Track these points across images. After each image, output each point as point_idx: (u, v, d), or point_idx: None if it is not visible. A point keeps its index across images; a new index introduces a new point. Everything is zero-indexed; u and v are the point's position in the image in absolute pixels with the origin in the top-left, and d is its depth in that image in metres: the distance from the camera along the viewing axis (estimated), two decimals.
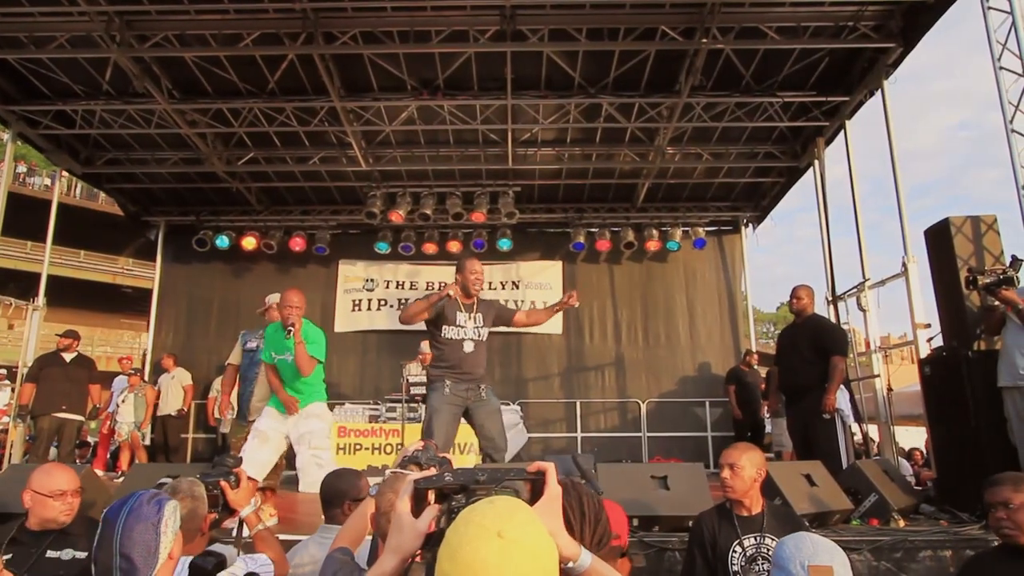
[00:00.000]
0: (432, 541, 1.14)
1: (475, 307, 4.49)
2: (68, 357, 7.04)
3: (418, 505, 1.16)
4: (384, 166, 8.63)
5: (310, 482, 4.25)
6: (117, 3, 5.91)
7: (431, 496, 1.18)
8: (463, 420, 4.54)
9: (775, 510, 2.74)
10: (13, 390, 12.52)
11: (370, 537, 2.01)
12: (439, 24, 6.24)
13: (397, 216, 8.80)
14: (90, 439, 10.20)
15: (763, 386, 8.91)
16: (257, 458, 4.20)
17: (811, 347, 4.88)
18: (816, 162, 7.70)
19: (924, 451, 9.74)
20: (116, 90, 7.22)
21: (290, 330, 4.22)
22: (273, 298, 5.30)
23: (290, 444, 4.52)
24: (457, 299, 4.42)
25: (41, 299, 7.62)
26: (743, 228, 10.00)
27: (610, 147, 8.43)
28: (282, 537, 2.62)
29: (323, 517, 2.54)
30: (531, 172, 9.05)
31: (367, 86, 7.24)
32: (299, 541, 2.54)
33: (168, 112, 7.22)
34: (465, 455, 6.95)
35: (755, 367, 8.96)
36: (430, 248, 9.56)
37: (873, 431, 7.53)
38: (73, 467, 4.74)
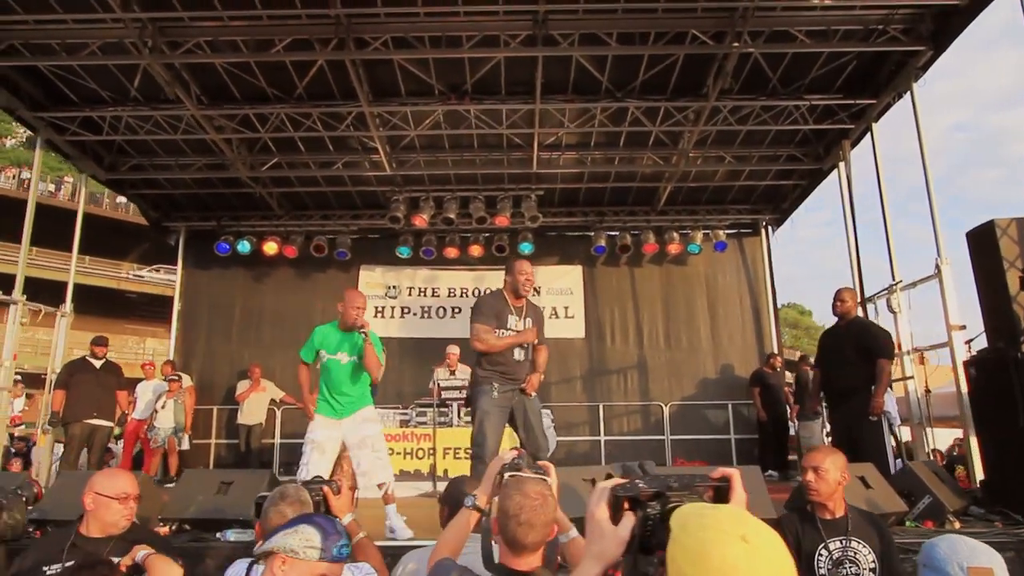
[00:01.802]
0: (631, 547, 1.15)
1: (524, 310, 4.48)
2: (97, 364, 7.04)
3: (614, 512, 1.17)
4: (407, 171, 8.64)
5: (377, 482, 4.34)
6: (151, 10, 5.92)
7: (625, 503, 1.19)
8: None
9: (859, 513, 2.75)
10: (28, 396, 12.53)
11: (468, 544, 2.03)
12: (471, 29, 6.26)
13: (421, 220, 8.81)
14: (110, 446, 10.17)
15: (786, 388, 8.95)
16: (320, 470, 4.20)
17: (856, 350, 4.89)
18: (841, 164, 7.72)
19: (943, 453, 9.75)
20: (144, 96, 7.23)
21: (364, 333, 4.22)
22: None
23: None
24: (509, 302, 4.42)
25: (68, 305, 7.61)
26: (763, 230, 10.02)
27: (633, 151, 8.44)
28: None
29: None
30: (553, 176, 9.06)
31: (395, 91, 7.24)
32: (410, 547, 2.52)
33: (196, 118, 7.22)
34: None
35: (779, 369, 8.97)
36: (451, 252, 9.56)
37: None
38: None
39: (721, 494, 1.25)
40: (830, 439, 8.58)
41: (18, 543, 2.55)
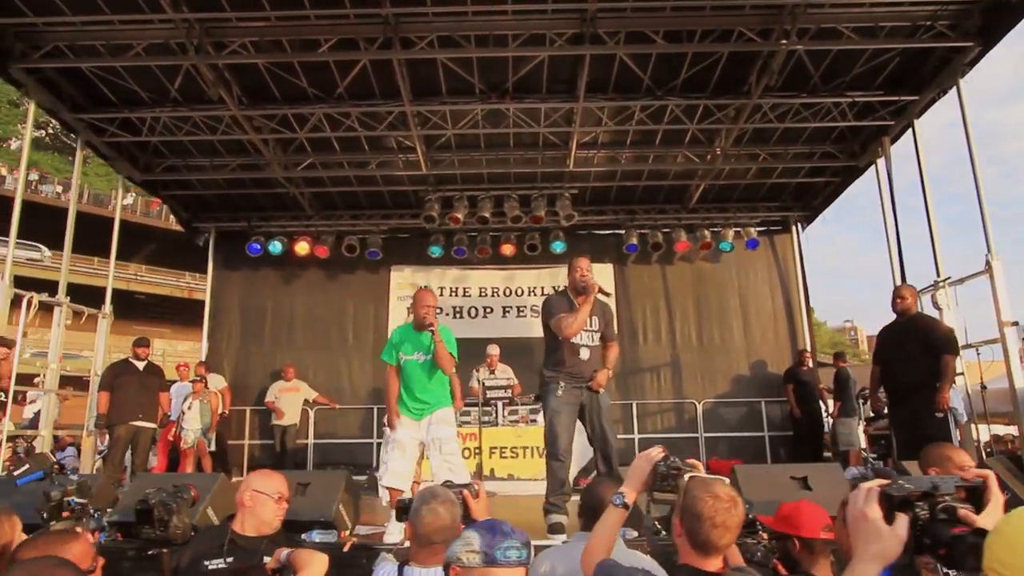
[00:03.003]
0: (907, 546, 1.16)
1: (592, 309, 4.47)
2: (140, 365, 7.03)
3: (887, 512, 1.17)
4: (441, 170, 8.62)
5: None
6: (199, 10, 5.89)
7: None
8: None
9: None
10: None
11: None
12: (517, 28, 6.24)
13: (456, 220, 8.80)
14: None
15: (821, 386, 8.97)
16: (399, 469, 4.20)
17: (919, 345, 4.89)
18: (880, 160, 7.71)
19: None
20: (184, 97, 7.20)
21: (430, 329, 4.21)
22: None
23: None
24: (575, 301, 4.42)
25: (108, 307, 7.60)
26: (794, 227, 10.01)
27: (668, 148, 8.42)
28: None
29: None
30: (585, 174, 9.03)
31: (436, 90, 7.22)
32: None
33: (237, 118, 7.19)
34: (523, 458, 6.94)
35: (811, 366, 8.98)
36: (483, 251, 9.54)
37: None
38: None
39: (975, 495, 1.25)
40: (865, 434, 8.62)
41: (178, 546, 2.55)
